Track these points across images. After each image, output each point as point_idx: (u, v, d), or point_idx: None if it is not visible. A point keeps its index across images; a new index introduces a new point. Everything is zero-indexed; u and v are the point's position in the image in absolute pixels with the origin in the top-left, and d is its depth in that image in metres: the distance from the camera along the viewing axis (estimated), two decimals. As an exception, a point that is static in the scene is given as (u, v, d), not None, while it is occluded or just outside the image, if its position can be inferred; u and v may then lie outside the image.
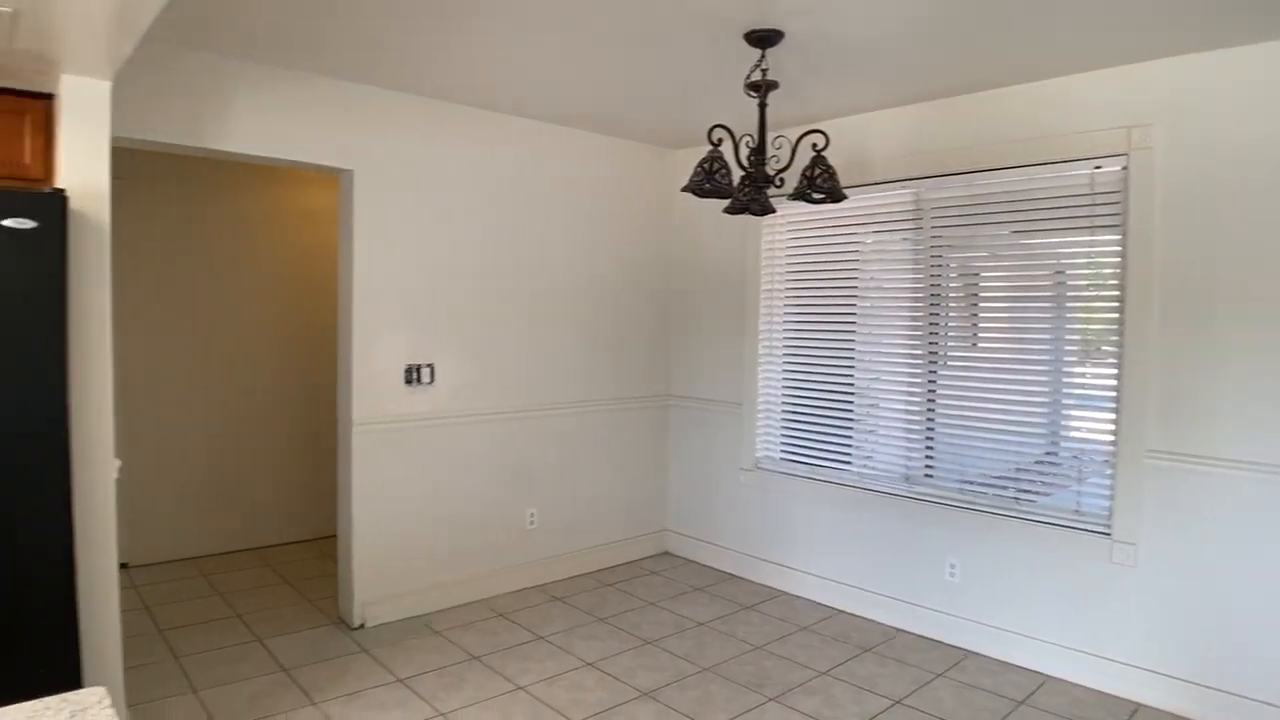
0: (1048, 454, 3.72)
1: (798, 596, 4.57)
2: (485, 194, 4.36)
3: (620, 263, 5.02)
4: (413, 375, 4.12)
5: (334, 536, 5.30)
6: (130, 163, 4.42)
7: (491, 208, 4.39)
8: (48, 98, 2.90)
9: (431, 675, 3.52)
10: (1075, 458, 3.63)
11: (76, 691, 1.24)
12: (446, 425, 4.27)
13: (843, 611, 4.36)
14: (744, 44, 3.15)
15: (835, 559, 4.43)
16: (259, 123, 3.59)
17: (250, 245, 5.23)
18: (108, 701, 1.21)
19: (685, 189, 3.13)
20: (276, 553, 5.24)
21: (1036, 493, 3.74)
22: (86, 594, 2.65)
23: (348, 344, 3.95)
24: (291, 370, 5.44)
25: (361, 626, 4.01)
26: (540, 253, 4.62)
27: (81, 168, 2.71)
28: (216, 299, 5.12)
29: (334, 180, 5.29)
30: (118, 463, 2.74)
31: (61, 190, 2.47)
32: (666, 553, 5.36)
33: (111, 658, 2.78)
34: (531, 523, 4.67)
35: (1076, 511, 3.58)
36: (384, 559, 4.08)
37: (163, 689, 3.35)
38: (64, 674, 2.49)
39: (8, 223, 2.33)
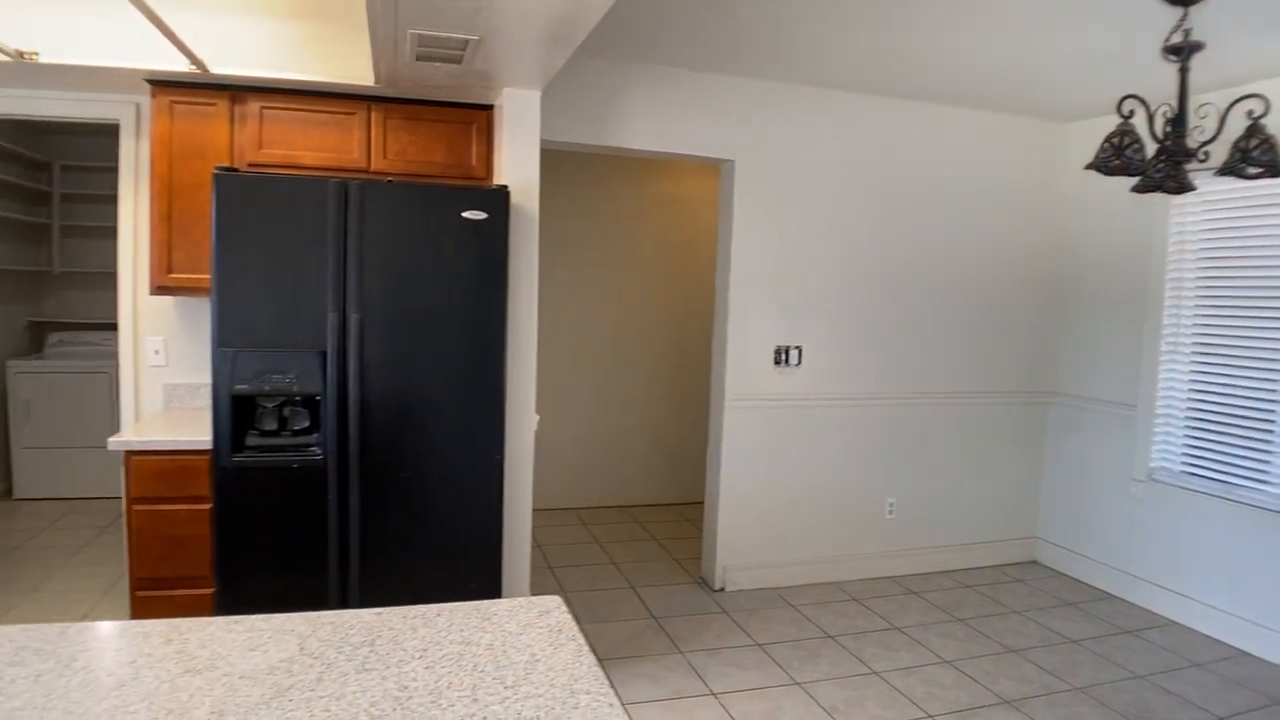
0: None
1: (1190, 628, 4.03)
2: (855, 177, 4.36)
3: (997, 246, 4.73)
4: (781, 356, 4.27)
5: (695, 503, 5.70)
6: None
7: (861, 191, 4.38)
8: (488, 109, 3.43)
9: (787, 646, 3.66)
10: None
11: (538, 597, 1.50)
12: (811, 406, 4.37)
13: (1248, 654, 3.76)
14: (1160, 3, 2.82)
15: (1243, 592, 3.82)
16: (652, 120, 3.93)
17: (634, 230, 5.74)
18: (564, 607, 1.47)
19: (1090, 166, 2.87)
20: (643, 511, 5.73)
21: None
22: (508, 525, 3.14)
23: (723, 323, 4.20)
24: (668, 346, 5.89)
25: (722, 589, 4.27)
26: (910, 236, 4.51)
27: (517, 167, 3.19)
28: (606, 278, 5.70)
29: (707, 169, 5.62)
30: (537, 417, 3.21)
31: (505, 187, 2.93)
32: (1034, 561, 4.99)
33: (523, 582, 3.28)
34: (890, 512, 4.62)
35: None
36: (744, 529, 4.30)
37: (556, 618, 3.85)
38: (489, 590, 2.99)
39: (467, 214, 2.83)
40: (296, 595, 2.77)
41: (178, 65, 3.01)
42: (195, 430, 2.99)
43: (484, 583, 2.99)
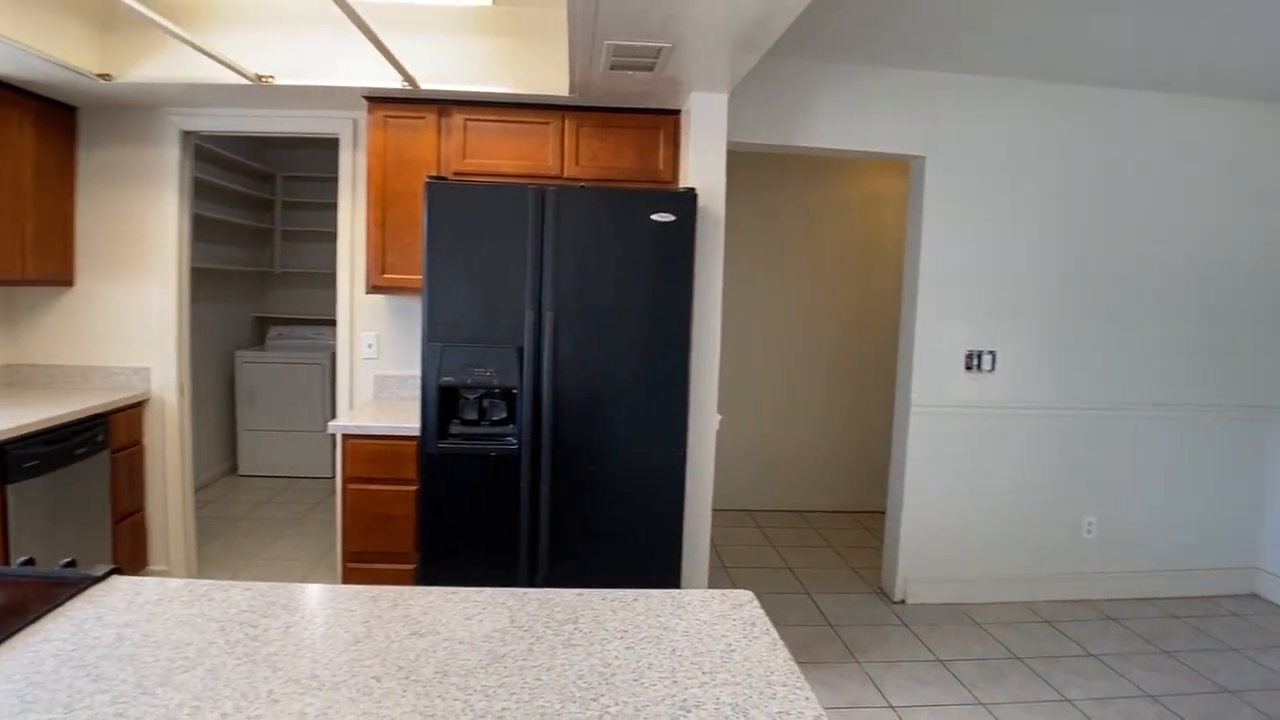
0: None
1: None
2: (1059, 173, 4.10)
3: (1225, 249, 4.30)
4: (973, 361, 4.09)
5: (873, 512, 5.56)
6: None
7: (1070, 188, 4.12)
8: (675, 113, 3.50)
9: (971, 664, 3.50)
10: None
11: (730, 590, 1.53)
12: (1004, 415, 4.15)
13: None
14: None
15: None
16: (839, 118, 3.88)
17: (813, 230, 5.67)
18: (756, 602, 1.49)
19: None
20: (819, 518, 5.64)
21: None
22: (688, 522, 3.19)
23: (910, 326, 4.08)
24: (849, 349, 5.77)
25: (902, 601, 4.14)
26: (1121, 237, 4.19)
27: (703, 170, 3.23)
28: (784, 278, 5.66)
29: (892, 167, 5.47)
30: (719, 417, 3.24)
31: (693, 189, 2.98)
32: (1254, 594, 4.51)
33: (701, 579, 3.32)
34: (1088, 531, 4.31)
35: None
36: (927, 541, 4.15)
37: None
38: (668, 583, 3.05)
39: (655, 217, 2.90)
40: (488, 574, 2.93)
41: (391, 83, 3.28)
42: (402, 418, 3.24)
43: (663, 576, 3.06)
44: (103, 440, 3.54)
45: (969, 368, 4.09)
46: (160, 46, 3.31)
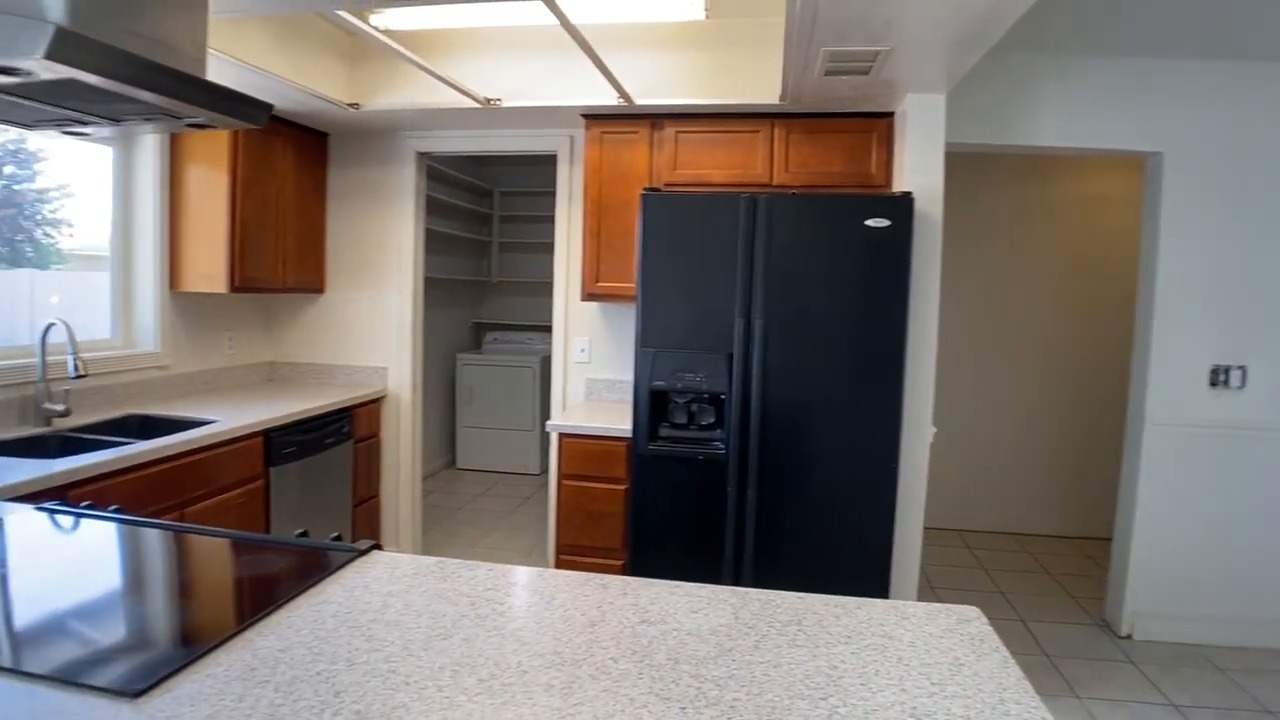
0: None
1: None
2: (1333, 169, 3.64)
3: None
4: (1219, 377, 3.70)
5: (1097, 538, 5.14)
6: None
7: (1340, 185, 3.65)
8: (888, 116, 3.43)
9: (1211, 714, 3.16)
10: None
11: (955, 605, 1.49)
12: (1257, 437, 3.72)
13: None
14: None
15: None
16: (1062, 114, 3.64)
17: (1030, 234, 5.33)
18: (984, 619, 1.44)
19: None
20: (1035, 541, 5.29)
21: None
22: (899, 536, 3.11)
23: (1145, 337, 3.75)
24: (1069, 363, 5.38)
25: (1129, 637, 3.81)
26: None
27: (919, 173, 3.15)
28: (998, 285, 5.37)
29: (1120, 164, 5.06)
30: (933, 429, 3.14)
31: (909, 193, 2.91)
32: None
33: (909, 596, 3.21)
34: (1362, 573, 3.78)
35: None
36: (1162, 572, 3.79)
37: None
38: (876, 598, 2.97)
39: (870, 222, 2.86)
40: (693, 576, 2.98)
41: (607, 100, 3.43)
42: (613, 420, 3.37)
43: (871, 590, 2.98)
44: (347, 431, 3.93)
45: (1214, 384, 3.69)
46: (399, 76, 3.65)
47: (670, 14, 3.25)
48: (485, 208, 7.05)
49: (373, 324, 4.37)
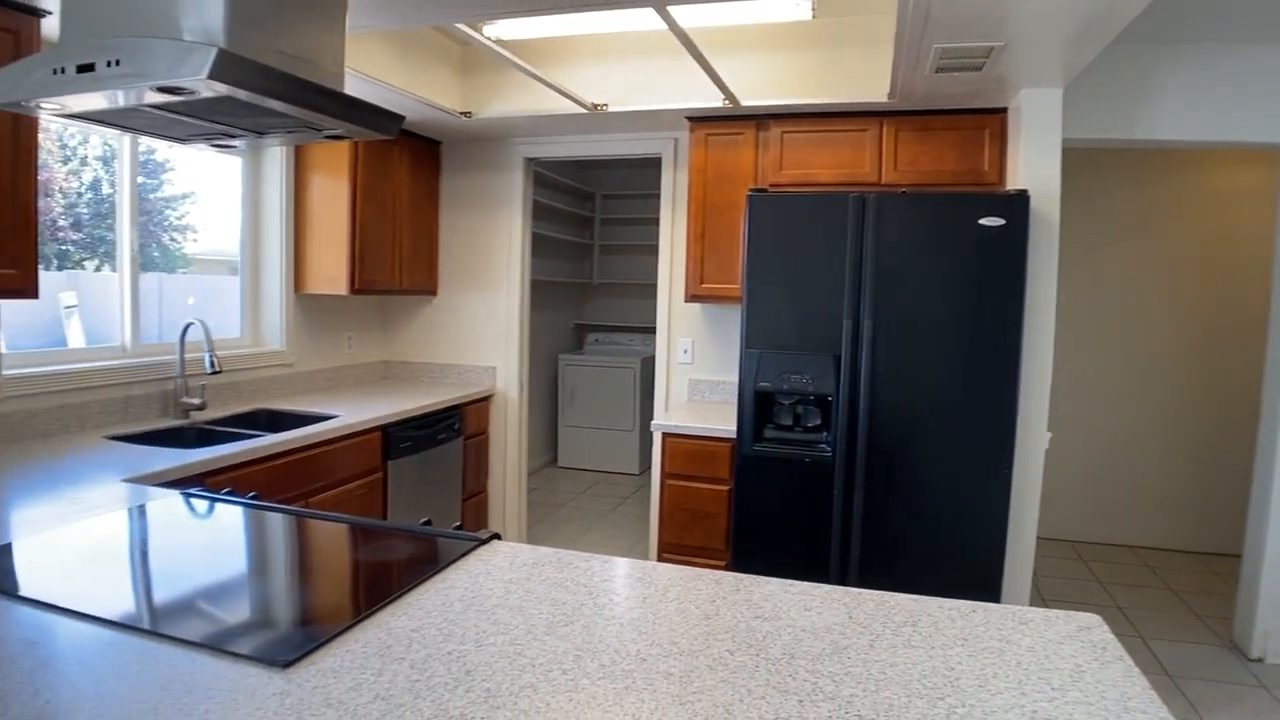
0: None
1: None
2: None
3: None
4: (1366, 385, 3.47)
5: (1223, 554, 4.86)
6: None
7: None
8: (1001, 111, 3.34)
9: (1357, 744, 2.97)
10: None
11: (1075, 612, 1.47)
12: None
13: None
14: None
15: None
16: (1190, 106, 3.46)
17: (1153, 233, 5.08)
18: (1106, 627, 1.41)
19: None
20: (1156, 556, 5.04)
21: None
22: (1011, 545, 3.02)
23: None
24: (1195, 369, 5.10)
25: (1260, 660, 3.59)
26: None
27: (1035, 170, 3.06)
28: (1117, 286, 5.14)
29: (1250, 157, 4.79)
30: (1049, 435, 3.04)
31: (1025, 191, 2.83)
32: None
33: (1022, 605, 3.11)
34: None
35: None
36: (1299, 592, 3.57)
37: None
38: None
39: (984, 221, 2.79)
40: (798, 578, 2.97)
41: (712, 102, 3.46)
42: (716, 421, 3.39)
43: (981, 600, 2.91)
44: (458, 428, 4.08)
45: (1362, 391, 3.46)
46: (508, 85, 3.76)
47: (777, 15, 3.25)
48: (587, 211, 7.18)
49: (482, 325, 4.52)
